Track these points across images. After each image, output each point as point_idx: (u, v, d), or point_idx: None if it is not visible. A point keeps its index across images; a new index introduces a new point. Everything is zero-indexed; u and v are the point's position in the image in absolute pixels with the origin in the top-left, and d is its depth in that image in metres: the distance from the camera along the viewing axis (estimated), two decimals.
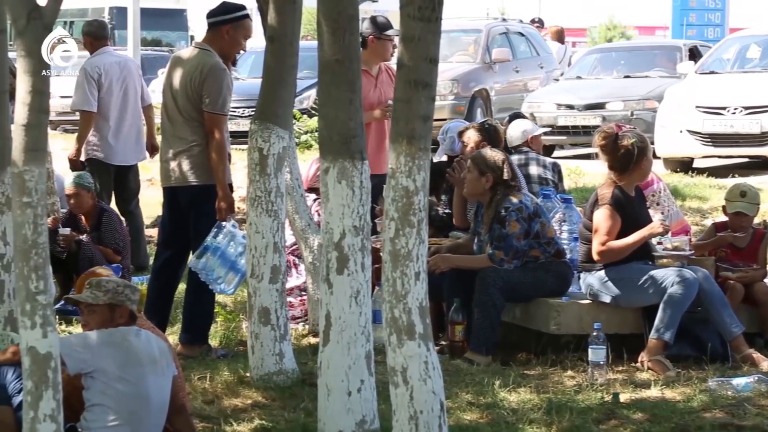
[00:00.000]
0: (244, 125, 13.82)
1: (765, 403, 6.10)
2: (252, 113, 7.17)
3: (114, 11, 29.53)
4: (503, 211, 7.09)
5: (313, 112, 16.31)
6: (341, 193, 5.42)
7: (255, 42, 9.63)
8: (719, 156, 15.28)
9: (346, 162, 5.42)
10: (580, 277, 7.15)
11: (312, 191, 8.01)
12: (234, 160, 7.88)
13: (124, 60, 10.30)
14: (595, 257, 6.95)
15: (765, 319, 7.24)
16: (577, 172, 14.11)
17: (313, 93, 16.85)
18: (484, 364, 6.87)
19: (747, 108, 14.60)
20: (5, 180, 5.79)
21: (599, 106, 16.67)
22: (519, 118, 9.55)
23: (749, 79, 15.24)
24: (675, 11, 28.42)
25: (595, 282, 7.00)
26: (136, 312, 5.19)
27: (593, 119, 16.04)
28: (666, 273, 6.87)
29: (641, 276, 6.90)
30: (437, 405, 4.90)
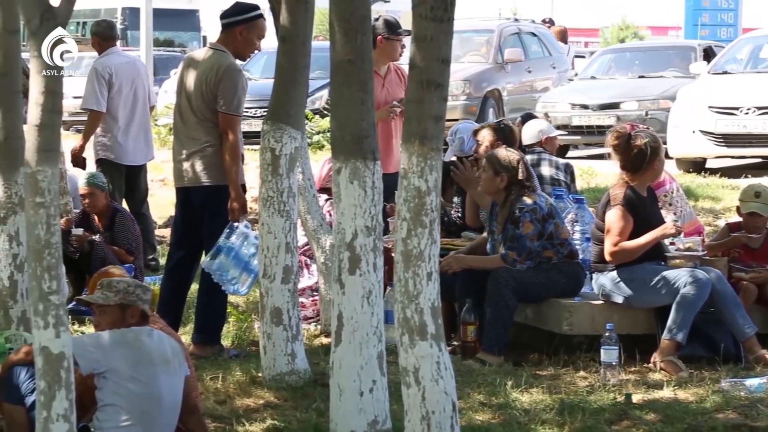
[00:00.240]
0: (256, 125, 13.82)
1: None
2: (264, 113, 7.17)
3: (126, 12, 29.62)
4: (517, 212, 7.08)
5: (325, 112, 16.30)
6: (353, 194, 5.42)
7: (267, 42, 9.63)
8: (732, 156, 15.24)
9: (358, 162, 5.42)
10: (592, 278, 7.14)
11: (324, 191, 8.00)
12: (246, 160, 7.89)
13: (132, 60, 10.38)
14: (608, 258, 6.94)
15: None
16: (590, 172, 14.10)
17: (326, 93, 16.84)
18: (496, 364, 6.87)
19: (760, 108, 14.56)
20: (18, 180, 5.82)
21: (614, 106, 16.63)
22: (531, 118, 9.54)
23: (762, 80, 15.20)
24: (688, 11, 28.38)
25: (608, 282, 6.99)
26: (147, 312, 5.20)
27: (608, 119, 16.00)
28: (679, 273, 6.86)
29: (654, 276, 6.89)
30: (449, 405, 4.90)
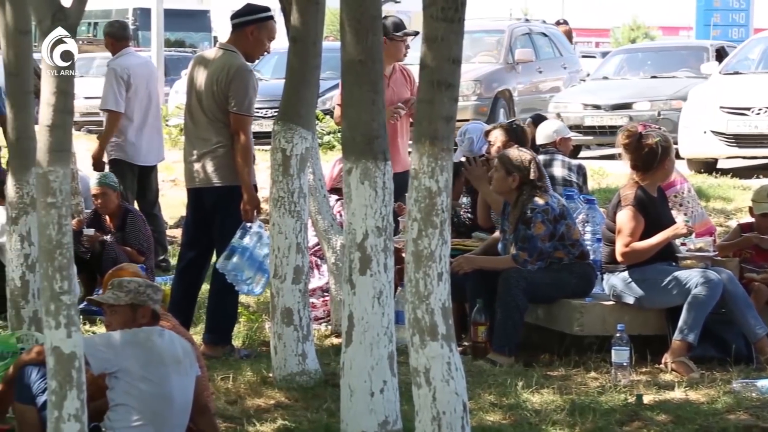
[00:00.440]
0: (267, 126, 13.84)
1: None
2: (275, 114, 7.17)
3: (138, 12, 29.65)
4: (529, 212, 7.07)
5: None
6: (364, 194, 5.42)
7: (278, 43, 9.65)
8: (743, 157, 15.21)
9: (368, 163, 5.42)
10: (603, 278, 7.13)
11: (335, 192, 8.00)
12: (257, 160, 7.88)
13: (146, 61, 10.51)
14: (619, 258, 6.93)
15: None
16: (601, 172, 14.08)
17: (336, 93, 16.83)
18: (506, 365, 6.86)
19: None
20: (30, 180, 5.84)
21: (626, 106, 16.61)
22: (541, 119, 9.53)
23: None
24: (699, 11, 28.34)
25: (619, 283, 6.98)
26: (158, 311, 5.21)
27: (620, 119, 15.96)
28: (690, 274, 6.84)
29: (665, 277, 6.87)
30: (460, 406, 4.90)
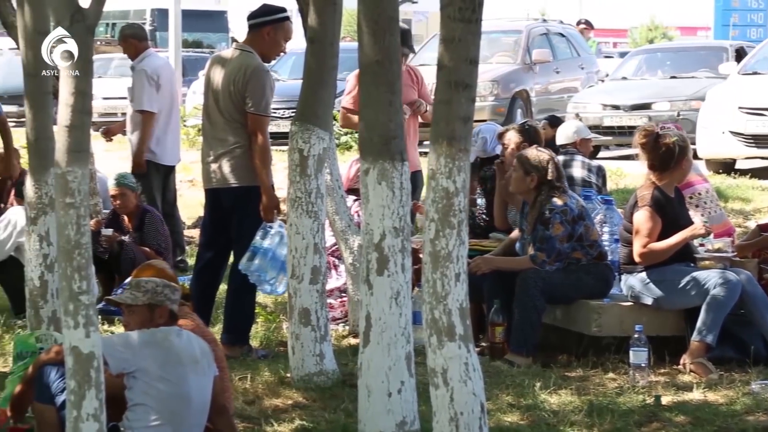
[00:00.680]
0: (284, 126, 13.85)
1: None
2: (292, 114, 7.18)
3: (155, 13, 29.72)
4: (547, 213, 7.06)
5: None
6: (381, 194, 5.42)
7: (296, 43, 9.65)
8: (762, 157, 15.15)
9: (386, 163, 5.42)
10: (621, 279, 7.12)
11: (352, 192, 8.01)
12: (274, 161, 7.90)
13: (167, 62, 10.66)
14: (637, 259, 6.91)
15: None
16: (618, 173, 14.04)
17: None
18: (524, 365, 6.85)
19: None
20: (48, 181, 5.85)
21: (645, 106, 16.56)
22: (556, 120, 9.53)
23: None
24: (717, 12, 28.28)
25: (637, 284, 6.96)
26: (176, 312, 5.21)
27: (639, 120, 15.90)
28: (708, 275, 6.82)
29: (683, 278, 6.85)
30: (477, 406, 4.89)
